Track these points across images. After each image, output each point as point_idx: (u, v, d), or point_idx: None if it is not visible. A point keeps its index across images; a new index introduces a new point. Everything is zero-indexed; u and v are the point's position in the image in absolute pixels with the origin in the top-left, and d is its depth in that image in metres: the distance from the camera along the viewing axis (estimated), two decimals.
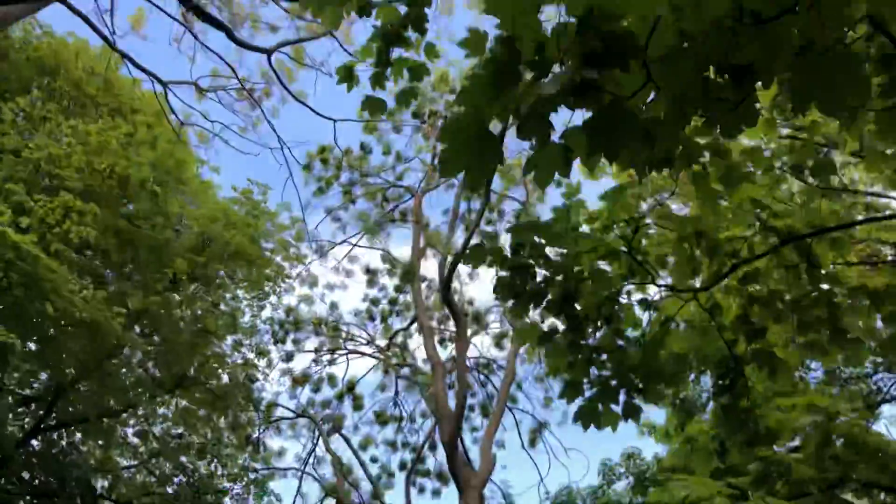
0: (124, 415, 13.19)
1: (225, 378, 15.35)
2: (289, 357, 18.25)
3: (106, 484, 13.73)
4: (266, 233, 14.19)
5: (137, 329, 12.78)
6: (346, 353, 16.96)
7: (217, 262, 13.01)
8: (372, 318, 17.37)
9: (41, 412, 12.38)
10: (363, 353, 16.46)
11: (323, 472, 16.43)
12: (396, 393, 16.70)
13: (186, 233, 12.74)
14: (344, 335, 17.03)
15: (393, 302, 17.34)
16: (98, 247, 11.62)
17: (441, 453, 13.84)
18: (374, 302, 17.47)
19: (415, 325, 16.13)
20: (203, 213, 12.74)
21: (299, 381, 18.01)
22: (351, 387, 17.76)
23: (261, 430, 16.10)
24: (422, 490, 16.52)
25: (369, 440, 16.95)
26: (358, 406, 17.83)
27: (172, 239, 12.41)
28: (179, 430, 14.69)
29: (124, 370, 12.76)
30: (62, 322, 10.40)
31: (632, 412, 4.83)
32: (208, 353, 13.58)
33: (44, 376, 12.50)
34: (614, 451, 17.14)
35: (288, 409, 16.30)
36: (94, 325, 10.42)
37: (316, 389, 17.54)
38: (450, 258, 14.03)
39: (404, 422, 17.23)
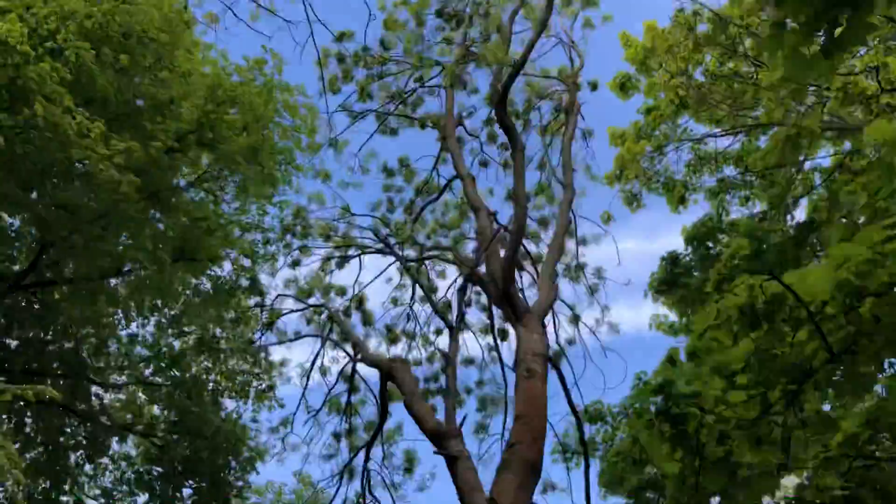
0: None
1: (228, 268, 14.34)
2: (295, 263, 17.15)
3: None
4: (277, 111, 13.13)
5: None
6: (359, 255, 15.66)
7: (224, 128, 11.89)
8: (392, 210, 15.98)
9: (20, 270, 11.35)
10: (380, 251, 15.10)
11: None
12: (413, 295, 15.29)
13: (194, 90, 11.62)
14: (357, 241, 15.82)
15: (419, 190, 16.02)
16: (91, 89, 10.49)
17: None
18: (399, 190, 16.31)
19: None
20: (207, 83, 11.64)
21: (306, 291, 16.91)
22: (360, 301, 16.55)
23: (263, 333, 14.92)
24: None
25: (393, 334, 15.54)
26: (368, 322, 16.64)
27: (178, 95, 11.36)
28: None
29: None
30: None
31: None
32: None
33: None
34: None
35: (297, 305, 14.92)
36: (88, 164, 9.31)
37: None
38: (506, 70, 12.44)
39: (416, 339, 15.99)
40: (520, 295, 8.95)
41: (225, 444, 11.84)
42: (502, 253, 10.00)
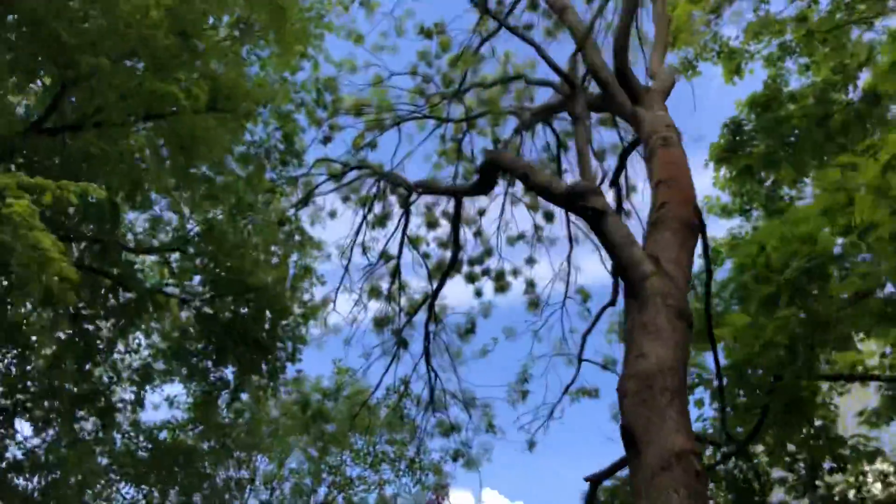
0: None
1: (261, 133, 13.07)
2: (326, 140, 15.91)
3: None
4: None
5: None
6: (398, 123, 14.30)
7: None
8: (430, 64, 14.45)
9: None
10: (423, 116, 13.72)
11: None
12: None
13: None
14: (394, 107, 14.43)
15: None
16: None
17: None
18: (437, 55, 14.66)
19: None
20: None
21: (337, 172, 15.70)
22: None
23: (298, 208, 13.74)
24: None
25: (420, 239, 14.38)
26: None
27: None
28: None
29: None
30: None
31: None
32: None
33: None
34: None
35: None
36: None
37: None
38: None
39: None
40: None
41: (271, 304, 10.78)
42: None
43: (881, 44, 14.23)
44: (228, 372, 12.64)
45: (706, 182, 16.04)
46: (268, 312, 10.95)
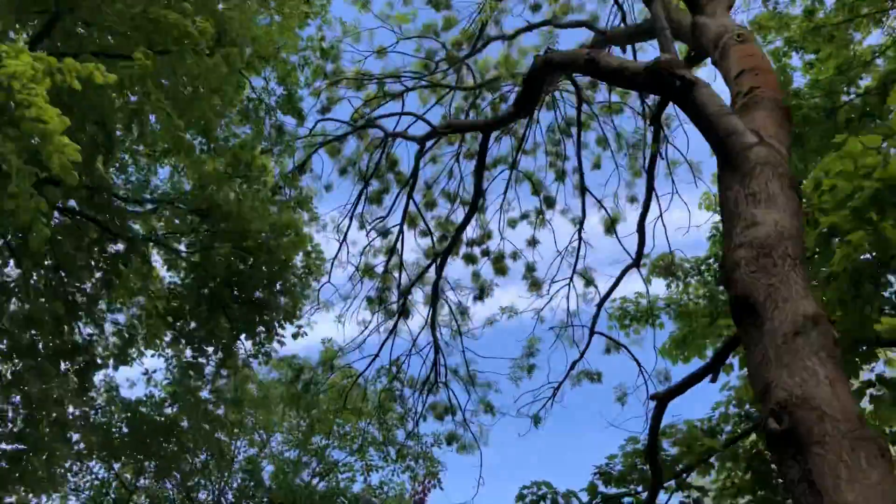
0: None
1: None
2: (324, 110, 15.29)
3: None
4: None
5: None
6: (402, 94, 13.70)
7: None
8: (437, 34, 13.85)
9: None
10: (430, 85, 13.11)
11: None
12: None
13: None
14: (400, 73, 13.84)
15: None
16: None
17: None
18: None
19: None
20: None
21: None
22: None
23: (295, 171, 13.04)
24: None
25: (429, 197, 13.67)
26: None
27: None
28: None
29: None
30: None
31: None
32: None
33: None
34: None
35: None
36: None
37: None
38: None
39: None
40: None
41: (270, 256, 10.03)
42: None
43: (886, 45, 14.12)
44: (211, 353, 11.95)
45: None
46: (264, 268, 10.22)
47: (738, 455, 9.76)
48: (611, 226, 11.93)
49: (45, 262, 11.26)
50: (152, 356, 15.44)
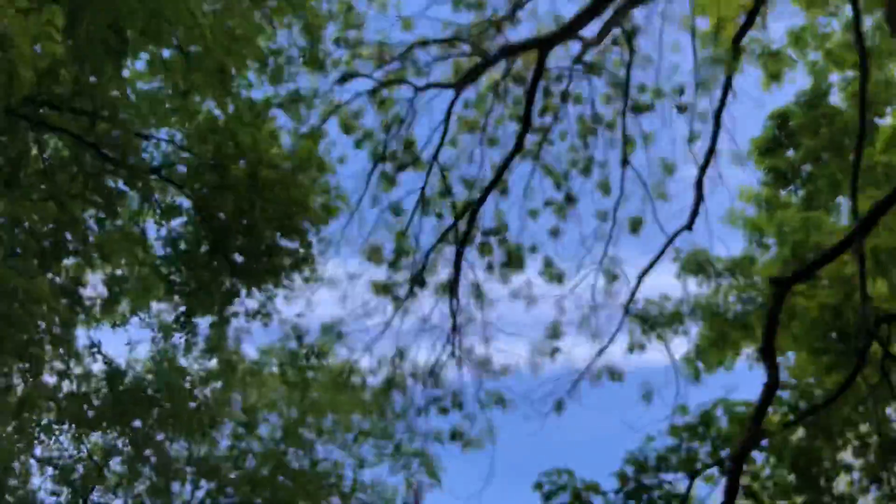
0: None
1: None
2: (343, 79, 14.45)
3: None
4: None
5: None
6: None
7: None
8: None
9: None
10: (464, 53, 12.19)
11: None
12: None
13: None
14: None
15: None
16: None
17: None
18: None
19: None
20: None
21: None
22: None
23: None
24: None
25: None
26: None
27: None
28: None
29: None
30: None
31: None
32: None
33: None
34: None
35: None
36: None
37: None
38: None
39: None
40: None
41: (286, 190, 9.02)
42: None
43: None
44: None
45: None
46: (277, 207, 9.24)
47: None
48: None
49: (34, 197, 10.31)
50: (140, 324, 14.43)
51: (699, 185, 10.33)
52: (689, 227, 10.15)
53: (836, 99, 15.53)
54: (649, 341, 11.79)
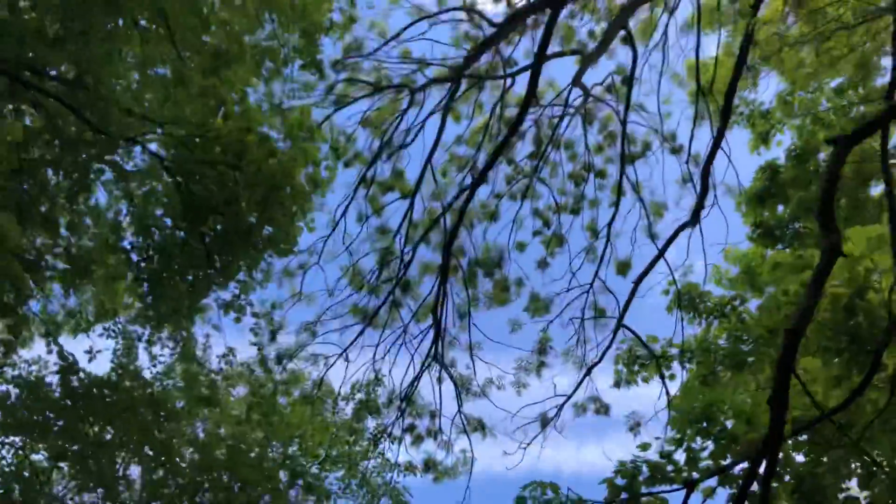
0: None
1: None
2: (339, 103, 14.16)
3: None
4: None
5: None
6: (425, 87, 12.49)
7: None
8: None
9: None
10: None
11: None
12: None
13: None
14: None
15: None
16: None
17: None
18: None
19: None
20: None
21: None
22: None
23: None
24: None
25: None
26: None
27: None
28: None
29: None
30: None
31: None
32: None
33: None
34: None
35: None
36: None
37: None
38: None
39: None
40: None
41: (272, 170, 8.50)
42: None
43: None
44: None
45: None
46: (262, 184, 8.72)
47: None
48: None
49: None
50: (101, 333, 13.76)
51: (705, 174, 10.01)
52: (693, 222, 9.79)
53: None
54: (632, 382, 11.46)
